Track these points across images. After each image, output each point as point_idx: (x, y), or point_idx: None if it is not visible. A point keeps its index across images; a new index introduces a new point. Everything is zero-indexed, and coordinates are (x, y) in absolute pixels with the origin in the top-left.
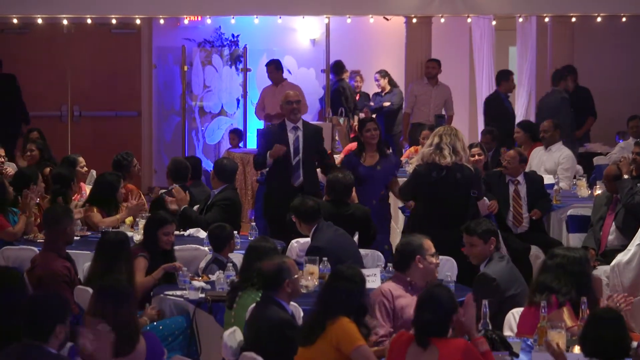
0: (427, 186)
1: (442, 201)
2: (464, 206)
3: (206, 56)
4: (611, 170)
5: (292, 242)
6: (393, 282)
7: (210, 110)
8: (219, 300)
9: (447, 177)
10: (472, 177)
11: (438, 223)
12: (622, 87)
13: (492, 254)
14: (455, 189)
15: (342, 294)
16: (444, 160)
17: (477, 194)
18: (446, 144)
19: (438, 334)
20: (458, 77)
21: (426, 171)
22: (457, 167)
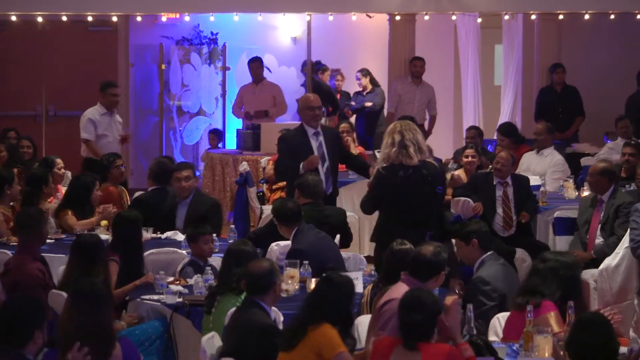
0: (393, 187)
1: (410, 200)
2: (431, 204)
3: (184, 54)
4: (597, 167)
5: (272, 245)
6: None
7: (189, 109)
8: (197, 304)
9: (414, 176)
10: (438, 173)
11: (406, 223)
12: (611, 86)
13: (483, 256)
14: (422, 187)
15: (329, 301)
16: (410, 160)
17: (441, 191)
18: (410, 140)
19: (424, 337)
20: (443, 76)
21: (392, 172)
22: (422, 164)
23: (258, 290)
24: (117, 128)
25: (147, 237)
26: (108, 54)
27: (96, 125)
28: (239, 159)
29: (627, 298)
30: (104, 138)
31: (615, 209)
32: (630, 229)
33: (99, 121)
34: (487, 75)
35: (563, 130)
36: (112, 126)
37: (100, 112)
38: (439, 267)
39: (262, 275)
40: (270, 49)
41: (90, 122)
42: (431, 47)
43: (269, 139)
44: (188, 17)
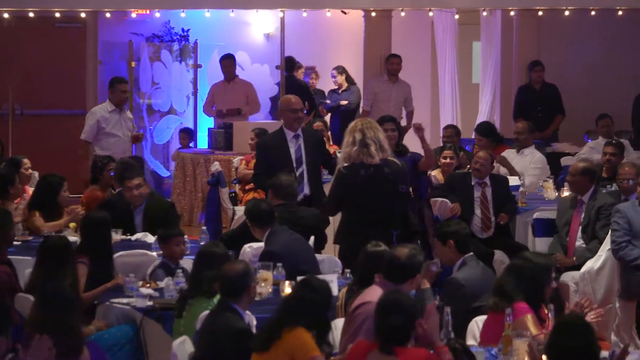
0: (354, 187)
1: (372, 200)
2: (394, 203)
3: (155, 52)
4: (577, 167)
5: (244, 247)
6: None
7: (159, 108)
8: (167, 308)
9: (376, 175)
10: (400, 172)
11: (369, 223)
12: (591, 84)
13: (465, 258)
14: (384, 186)
15: (306, 305)
16: (371, 159)
17: (405, 190)
18: (371, 139)
19: (401, 340)
20: (419, 73)
21: (353, 172)
22: (384, 162)
23: (232, 292)
24: (127, 126)
25: (116, 238)
26: (76, 51)
27: (102, 124)
28: (211, 159)
29: (609, 301)
30: (113, 137)
31: (596, 210)
32: (612, 230)
33: (108, 119)
34: (464, 73)
35: (542, 129)
36: (122, 124)
37: (108, 109)
38: (414, 270)
39: (236, 278)
40: (242, 46)
41: (95, 122)
42: (408, 44)
43: (241, 138)
44: (158, 14)
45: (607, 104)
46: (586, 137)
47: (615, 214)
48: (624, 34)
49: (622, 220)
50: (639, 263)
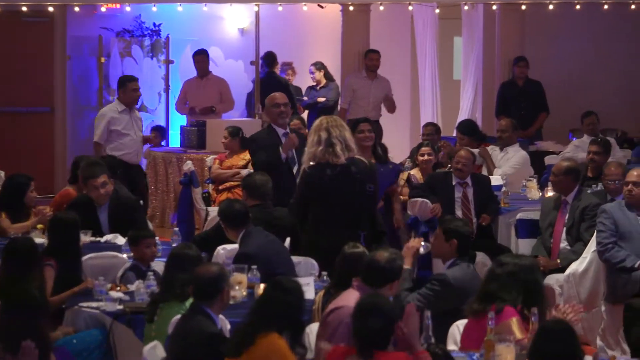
0: (321, 187)
1: (339, 200)
2: (362, 203)
3: (125, 47)
4: (561, 166)
5: (218, 249)
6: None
7: None
8: (138, 312)
9: (342, 174)
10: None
11: (336, 224)
12: (577, 81)
13: (457, 259)
14: (351, 185)
15: (278, 307)
16: (337, 159)
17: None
18: (337, 138)
19: (380, 345)
20: (399, 69)
21: (319, 172)
22: (350, 162)
23: (205, 296)
24: (138, 126)
25: (85, 240)
26: (44, 46)
27: (112, 126)
28: (183, 158)
29: (594, 305)
30: (125, 136)
31: (581, 211)
32: (597, 231)
33: (119, 119)
34: (445, 69)
35: (526, 127)
36: (133, 124)
37: (118, 109)
38: (393, 275)
39: (210, 280)
40: (216, 41)
41: (106, 123)
42: (386, 39)
43: (214, 137)
44: (129, 7)
45: (593, 101)
46: (571, 136)
47: (601, 215)
48: (610, 28)
49: (608, 221)
50: (625, 265)
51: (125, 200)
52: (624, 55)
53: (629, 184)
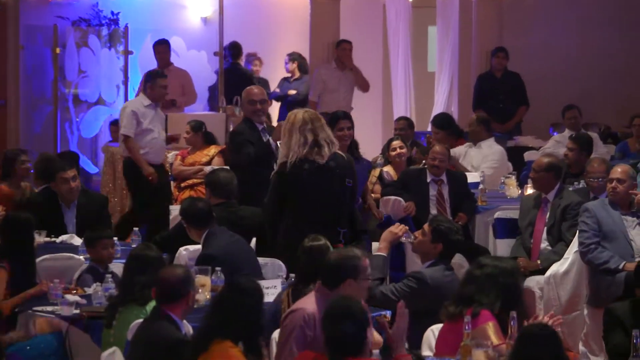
0: (298, 184)
1: (318, 196)
2: (341, 199)
3: (81, 37)
4: (541, 162)
5: (180, 250)
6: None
7: (87, 98)
8: (96, 316)
9: (321, 169)
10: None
11: (315, 221)
12: (558, 73)
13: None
14: (330, 181)
15: (234, 310)
16: (322, 160)
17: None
18: (324, 140)
19: (355, 351)
20: (370, 60)
21: (297, 168)
22: (330, 156)
23: (170, 300)
24: (162, 124)
25: (39, 241)
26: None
27: (139, 118)
28: None
29: (576, 308)
30: (149, 133)
31: (563, 210)
32: (580, 231)
33: (143, 114)
34: (419, 61)
35: (504, 121)
36: (158, 120)
37: (144, 103)
38: (346, 273)
39: (175, 284)
40: (177, 30)
41: (133, 114)
42: (357, 29)
43: (176, 131)
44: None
45: (575, 94)
46: (552, 130)
47: (583, 214)
48: (593, 18)
49: (590, 220)
50: (609, 267)
51: (93, 196)
52: (607, 46)
53: (613, 180)
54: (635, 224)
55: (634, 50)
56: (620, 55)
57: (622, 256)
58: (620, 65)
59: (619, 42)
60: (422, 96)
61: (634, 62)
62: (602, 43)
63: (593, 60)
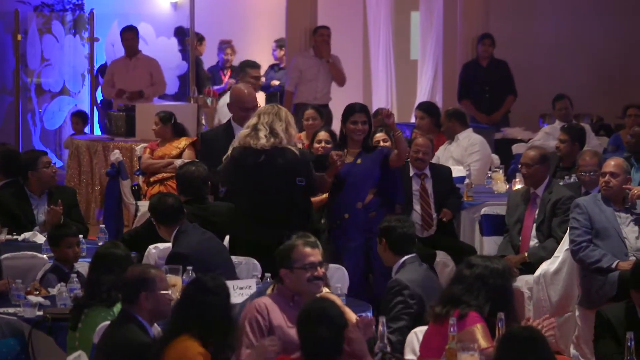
0: (244, 174)
1: (263, 192)
2: (289, 197)
3: (44, 23)
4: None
5: (149, 248)
6: (271, 295)
7: (50, 88)
8: (60, 318)
9: (266, 163)
10: (297, 162)
11: (260, 219)
12: (547, 61)
13: (404, 258)
14: (276, 177)
15: (198, 308)
16: (257, 142)
17: (304, 182)
18: (263, 124)
19: (332, 355)
20: (350, 48)
21: (242, 156)
22: (277, 152)
23: (124, 299)
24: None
25: (0, 239)
26: None
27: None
28: (110, 147)
29: (567, 309)
30: None
31: (553, 205)
32: (571, 228)
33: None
34: (401, 48)
35: (491, 111)
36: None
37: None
38: (280, 263)
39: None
40: (146, 16)
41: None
42: (336, 15)
43: (145, 123)
44: None
45: (565, 84)
46: (541, 121)
47: (574, 210)
48: (584, 4)
49: (582, 217)
50: (601, 266)
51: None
52: (599, 33)
53: (606, 174)
54: (629, 221)
55: (627, 37)
56: (613, 43)
57: (615, 254)
58: (613, 54)
59: (612, 29)
60: (403, 85)
61: (627, 50)
62: (595, 30)
63: (584, 48)
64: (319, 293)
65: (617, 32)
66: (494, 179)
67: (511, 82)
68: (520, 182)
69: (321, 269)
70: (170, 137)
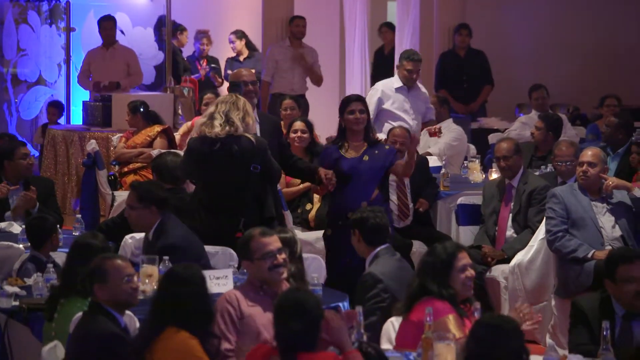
0: (200, 163)
1: (219, 180)
2: (244, 185)
3: (20, 12)
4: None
5: (126, 238)
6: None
7: (26, 78)
8: (36, 309)
9: (221, 151)
10: (252, 150)
11: (215, 207)
12: (524, 51)
13: (378, 251)
14: (231, 164)
15: (178, 300)
16: (212, 130)
17: (259, 170)
18: (219, 112)
19: (306, 347)
20: (326, 37)
21: (197, 145)
22: (232, 139)
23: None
24: None
25: None
26: None
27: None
28: (87, 137)
29: (542, 299)
30: None
31: (528, 195)
32: (547, 217)
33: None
34: (377, 39)
35: (468, 101)
36: None
37: (395, 85)
38: (240, 254)
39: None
40: (122, 6)
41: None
42: (312, 4)
43: (121, 113)
44: None
45: (542, 74)
46: (517, 111)
47: (550, 199)
48: None
49: (558, 207)
50: (577, 255)
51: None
52: (576, 23)
53: (583, 164)
54: (605, 210)
55: (604, 28)
56: (589, 34)
57: (592, 244)
58: (589, 44)
59: (588, 20)
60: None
61: (604, 41)
62: (570, 21)
63: (561, 38)
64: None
65: (594, 23)
66: (470, 169)
67: (488, 72)
68: (496, 171)
69: (281, 255)
70: (143, 126)
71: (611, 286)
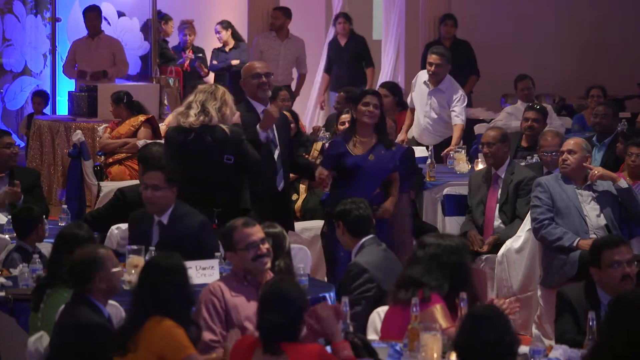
0: (174, 153)
1: (193, 170)
2: (217, 175)
3: (6, 3)
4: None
5: (112, 229)
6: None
7: (11, 68)
8: (22, 299)
9: (196, 142)
10: (226, 140)
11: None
12: (510, 41)
13: (363, 240)
14: (205, 155)
15: (160, 289)
16: (187, 120)
17: (232, 160)
18: (196, 102)
19: (289, 337)
20: (312, 28)
21: (173, 135)
22: (206, 129)
23: (77, 282)
24: None
25: None
26: None
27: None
28: (72, 127)
29: (529, 289)
30: None
31: (515, 186)
32: (532, 206)
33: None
34: (364, 28)
35: None
36: None
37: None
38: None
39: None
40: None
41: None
42: None
43: (107, 103)
44: None
45: (528, 64)
46: (503, 102)
47: (536, 189)
48: None
49: (544, 195)
50: (562, 244)
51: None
52: (561, 13)
53: (564, 152)
54: (590, 199)
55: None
56: (574, 25)
57: (577, 232)
58: (574, 34)
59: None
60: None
61: (589, 32)
62: (557, 11)
63: (547, 28)
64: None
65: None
66: (456, 159)
67: (473, 62)
68: (482, 162)
69: (264, 245)
70: (127, 116)
71: (597, 273)
